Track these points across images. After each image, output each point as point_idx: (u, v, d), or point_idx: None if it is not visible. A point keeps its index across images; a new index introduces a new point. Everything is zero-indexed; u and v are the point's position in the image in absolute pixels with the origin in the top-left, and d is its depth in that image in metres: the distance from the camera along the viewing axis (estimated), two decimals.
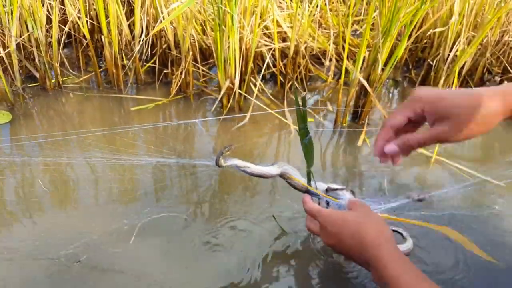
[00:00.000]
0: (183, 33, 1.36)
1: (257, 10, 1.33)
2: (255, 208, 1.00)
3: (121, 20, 1.43)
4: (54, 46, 1.43)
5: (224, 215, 0.98)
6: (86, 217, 0.97)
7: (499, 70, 1.63)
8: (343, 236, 0.64)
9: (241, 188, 1.08)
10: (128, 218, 0.95)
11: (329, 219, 0.67)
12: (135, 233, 0.91)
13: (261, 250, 0.89)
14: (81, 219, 0.96)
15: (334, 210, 0.70)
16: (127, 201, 1.01)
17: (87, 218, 0.96)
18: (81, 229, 0.92)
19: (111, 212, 0.98)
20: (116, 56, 1.45)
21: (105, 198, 1.02)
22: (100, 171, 1.11)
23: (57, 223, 0.94)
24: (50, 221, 0.94)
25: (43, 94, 1.49)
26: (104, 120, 1.38)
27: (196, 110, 1.46)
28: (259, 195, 1.05)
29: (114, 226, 0.93)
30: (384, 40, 1.22)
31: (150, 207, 0.98)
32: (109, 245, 0.89)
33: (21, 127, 1.31)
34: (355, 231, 0.63)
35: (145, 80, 1.61)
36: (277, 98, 1.53)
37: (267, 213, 0.98)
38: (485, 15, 1.41)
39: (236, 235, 0.93)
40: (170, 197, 1.03)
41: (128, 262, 0.85)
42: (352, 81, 1.31)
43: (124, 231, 0.92)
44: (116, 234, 0.91)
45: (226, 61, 1.32)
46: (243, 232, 0.94)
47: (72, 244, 0.88)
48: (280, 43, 1.49)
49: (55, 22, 1.39)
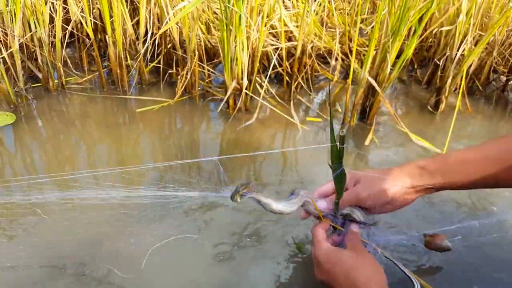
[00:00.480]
0: (189, 32, 1.34)
1: (263, 9, 1.32)
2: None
3: (126, 19, 1.41)
4: (57, 46, 1.41)
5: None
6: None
7: (505, 70, 1.63)
8: (335, 275, 0.64)
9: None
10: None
11: (325, 255, 0.67)
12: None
13: (276, 272, 0.86)
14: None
15: (331, 247, 0.69)
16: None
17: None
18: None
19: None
20: (120, 56, 1.43)
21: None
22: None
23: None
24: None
25: (46, 95, 1.47)
26: (109, 124, 1.35)
27: (202, 111, 1.44)
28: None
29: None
30: (393, 40, 1.20)
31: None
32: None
33: (24, 130, 1.29)
34: (349, 272, 0.63)
35: (149, 80, 1.59)
36: (282, 99, 1.52)
37: (283, 233, 0.94)
38: (492, 15, 1.40)
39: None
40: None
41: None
42: (360, 81, 1.29)
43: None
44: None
45: (233, 61, 1.31)
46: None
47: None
48: (286, 42, 1.48)
49: (59, 21, 1.37)
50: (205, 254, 0.88)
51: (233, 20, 1.23)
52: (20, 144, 1.24)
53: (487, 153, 0.65)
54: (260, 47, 1.35)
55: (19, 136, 1.26)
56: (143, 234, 0.91)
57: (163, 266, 0.85)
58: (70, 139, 1.27)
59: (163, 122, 1.38)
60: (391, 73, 1.28)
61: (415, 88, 1.68)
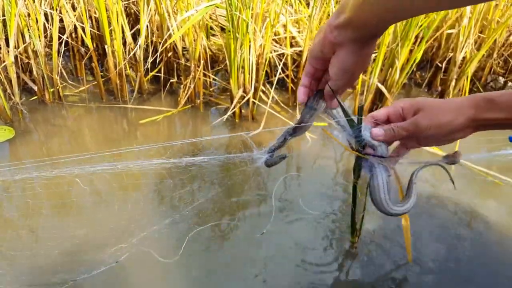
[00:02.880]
0: (193, 40, 1.31)
1: (268, 17, 1.29)
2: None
3: (125, 28, 1.36)
4: (54, 58, 1.35)
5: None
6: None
7: (503, 71, 1.65)
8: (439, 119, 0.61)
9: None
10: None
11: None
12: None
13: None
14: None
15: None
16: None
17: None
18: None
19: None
20: (120, 65, 1.39)
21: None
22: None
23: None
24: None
25: (42, 108, 1.41)
26: (110, 138, 1.30)
27: (207, 120, 1.41)
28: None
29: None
30: (402, 45, 1.20)
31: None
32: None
33: (22, 147, 1.23)
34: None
35: (148, 90, 1.55)
36: (287, 105, 1.50)
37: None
38: (493, 18, 1.42)
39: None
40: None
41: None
42: (369, 87, 1.29)
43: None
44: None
45: (239, 70, 1.28)
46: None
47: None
48: (289, 48, 1.46)
49: (55, 31, 1.31)
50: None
51: (240, 29, 1.20)
52: (17, 166, 1.18)
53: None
54: (267, 54, 1.33)
55: (15, 156, 1.20)
56: None
57: None
58: (70, 154, 1.21)
59: (169, 134, 1.34)
60: (400, 78, 1.27)
61: (415, 91, 1.68)
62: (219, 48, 1.59)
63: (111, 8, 1.30)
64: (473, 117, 0.62)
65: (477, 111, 0.62)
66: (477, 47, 1.46)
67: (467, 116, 0.62)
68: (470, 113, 0.62)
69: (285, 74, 1.52)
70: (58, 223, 0.94)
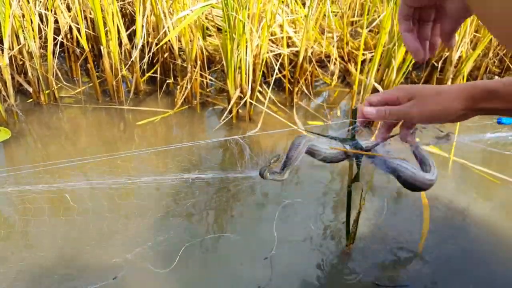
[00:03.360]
0: (189, 41, 1.30)
1: (265, 17, 1.29)
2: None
3: (121, 29, 1.35)
4: (49, 59, 1.34)
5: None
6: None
7: (498, 70, 1.66)
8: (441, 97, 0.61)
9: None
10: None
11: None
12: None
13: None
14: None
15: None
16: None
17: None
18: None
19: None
20: (116, 66, 1.38)
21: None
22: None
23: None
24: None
25: (38, 109, 1.40)
26: (107, 141, 1.29)
27: (204, 121, 1.41)
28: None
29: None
30: (399, 45, 1.20)
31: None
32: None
33: (17, 150, 1.22)
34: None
35: (144, 90, 1.54)
36: (283, 105, 1.49)
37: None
38: None
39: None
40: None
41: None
42: (366, 87, 1.29)
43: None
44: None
45: (236, 70, 1.28)
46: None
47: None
48: (286, 49, 1.46)
49: (50, 32, 1.30)
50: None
51: (236, 29, 1.20)
52: (14, 171, 1.16)
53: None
54: (264, 54, 1.32)
55: (10, 159, 1.19)
56: None
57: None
58: (66, 156, 1.20)
59: (166, 135, 1.33)
60: (396, 77, 1.27)
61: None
62: (215, 49, 1.59)
63: (107, 8, 1.29)
64: (470, 107, 0.61)
65: (475, 102, 0.62)
66: (473, 47, 1.46)
67: (463, 106, 0.61)
68: (466, 104, 0.62)
69: (282, 74, 1.52)
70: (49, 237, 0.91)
